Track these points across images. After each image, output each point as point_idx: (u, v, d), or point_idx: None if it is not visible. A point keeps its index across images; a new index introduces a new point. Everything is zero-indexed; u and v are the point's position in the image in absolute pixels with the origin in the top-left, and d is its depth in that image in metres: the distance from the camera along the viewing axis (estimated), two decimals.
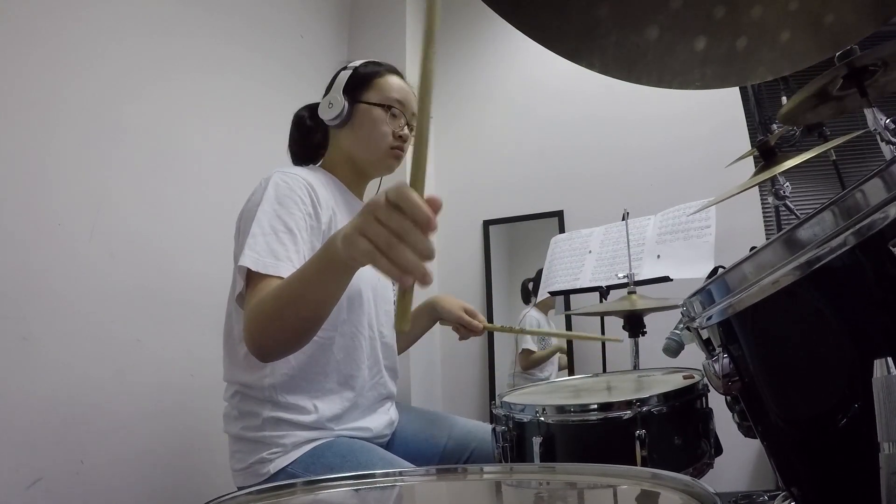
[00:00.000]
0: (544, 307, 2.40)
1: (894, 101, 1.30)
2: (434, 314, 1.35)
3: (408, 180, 0.58)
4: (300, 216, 0.99)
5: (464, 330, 1.34)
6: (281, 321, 0.85)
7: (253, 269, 0.90)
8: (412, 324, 1.34)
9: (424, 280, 0.57)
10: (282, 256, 0.93)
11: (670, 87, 0.31)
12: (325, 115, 1.15)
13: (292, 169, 1.07)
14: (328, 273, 0.78)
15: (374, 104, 1.14)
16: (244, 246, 0.93)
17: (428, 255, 0.57)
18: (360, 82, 1.16)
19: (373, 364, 1.12)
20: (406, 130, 1.17)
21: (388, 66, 1.21)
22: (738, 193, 1.14)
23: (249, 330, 0.88)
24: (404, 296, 0.57)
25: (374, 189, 1.34)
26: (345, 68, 1.20)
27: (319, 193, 1.05)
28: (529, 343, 2.37)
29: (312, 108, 1.21)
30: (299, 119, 1.24)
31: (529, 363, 2.39)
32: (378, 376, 1.13)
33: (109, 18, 1.39)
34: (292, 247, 0.95)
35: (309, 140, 1.23)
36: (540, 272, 2.17)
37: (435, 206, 0.57)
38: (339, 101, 1.13)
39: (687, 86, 0.31)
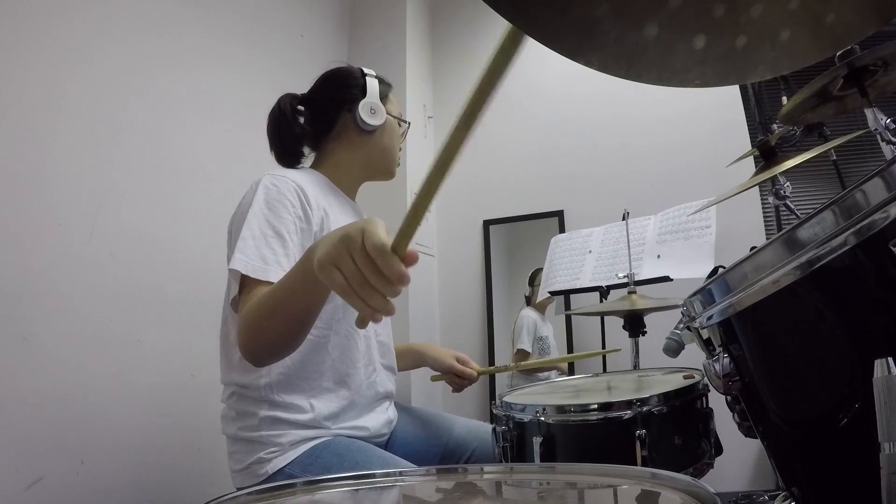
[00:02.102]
0: (541, 307, 2.40)
1: (894, 101, 1.30)
2: (419, 362, 1.36)
3: (395, 236, 0.58)
4: (290, 220, 0.99)
5: (458, 379, 1.33)
6: (269, 327, 0.86)
7: (243, 272, 0.91)
8: (400, 360, 1.31)
9: (389, 314, 0.60)
10: (270, 261, 0.93)
11: (669, 85, 0.31)
12: (368, 119, 1.14)
13: (283, 172, 1.07)
14: (310, 283, 0.77)
15: (396, 118, 1.21)
16: (234, 250, 0.94)
17: (395, 296, 0.60)
18: (385, 94, 1.20)
19: (368, 362, 1.12)
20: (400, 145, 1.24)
21: (389, 82, 1.25)
22: (739, 193, 1.14)
23: (241, 336, 0.88)
24: (363, 320, 0.61)
25: (371, 190, 1.33)
26: (365, 74, 1.18)
27: (310, 195, 1.04)
28: (524, 343, 2.37)
29: (291, 102, 1.16)
30: (280, 115, 1.16)
31: (528, 367, 2.38)
32: (374, 375, 1.13)
33: (109, 18, 1.39)
34: (281, 251, 0.95)
35: (291, 134, 1.17)
36: (535, 271, 2.16)
37: (411, 260, 0.58)
38: (382, 110, 1.16)
39: (686, 84, 0.31)
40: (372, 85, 1.17)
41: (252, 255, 0.93)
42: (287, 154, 1.18)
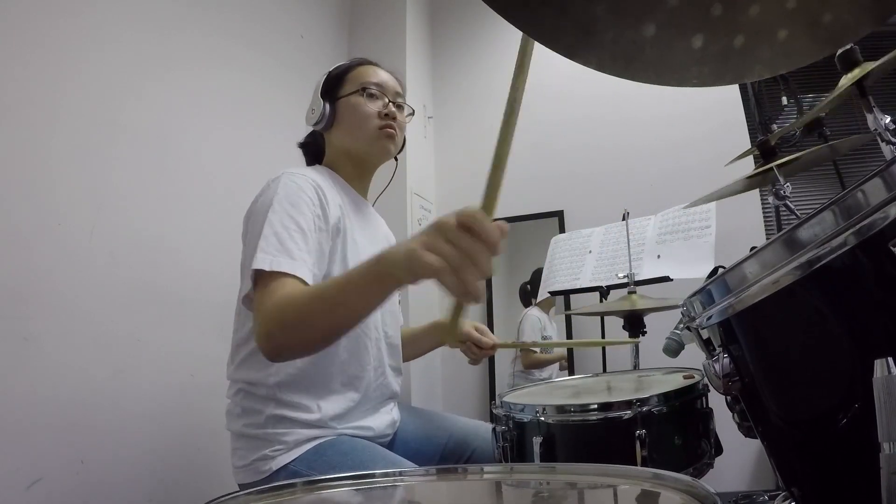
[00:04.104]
0: (546, 306, 2.40)
1: (894, 101, 1.30)
2: (439, 339, 1.36)
3: (481, 202, 0.60)
4: (310, 216, 0.99)
5: (476, 349, 1.32)
6: (311, 325, 0.84)
7: (267, 269, 0.89)
8: (420, 343, 1.35)
9: (479, 300, 0.60)
10: (295, 255, 0.92)
11: (667, 85, 0.31)
12: (310, 121, 1.20)
13: (301, 169, 1.07)
14: (377, 284, 0.76)
15: (350, 94, 1.17)
16: (256, 248, 0.92)
17: (489, 275, 0.61)
18: (335, 82, 1.19)
19: (378, 365, 1.12)
20: (392, 108, 1.18)
21: (360, 59, 1.24)
22: (738, 194, 1.14)
23: (269, 329, 0.86)
24: (459, 313, 0.61)
25: (378, 190, 1.34)
26: (328, 74, 1.22)
27: (327, 193, 1.05)
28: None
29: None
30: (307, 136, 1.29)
31: (531, 362, 2.38)
32: (382, 377, 1.14)
33: (109, 17, 1.39)
34: (304, 246, 0.95)
35: (315, 147, 1.26)
36: (536, 272, 2.16)
37: (503, 230, 0.60)
38: (319, 105, 1.17)
39: (684, 83, 0.31)
40: (317, 85, 1.20)
41: (275, 251, 0.91)
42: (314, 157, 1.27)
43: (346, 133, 1.17)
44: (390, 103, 1.18)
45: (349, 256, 1.08)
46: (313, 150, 1.26)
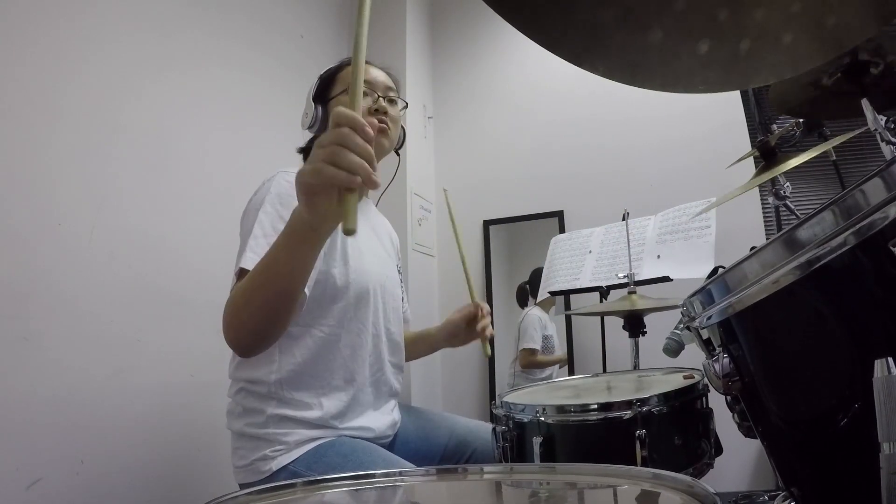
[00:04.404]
0: (546, 306, 2.40)
1: (895, 101, 1.30)
2: (434, 344, 1.36)
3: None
4: None
5: (479, 322, 1.28)
6: (250, 306, 0.84)
7: (250, 269, 0.90)
8: (414, 347, 1.33)
9: (370, 180, 0.65)
10: None
11: (674, 91, 0.31)
12: (304, 125, 1.20)
13: (295, 169, 1.07)
14: (293, 238, 0.77)
15: (339, 94, 1.17)
16: (245, 247, 0.93)
17: (367, 155, 0.66)
18: (326, 84, 1.19)
19: (375, 360, 1.12)
20: (382, 103, 1.17)
21: (349, 58, 1.23)
22: (739, 195, 1.14)
23: (224, 323, 0.86)
24: (349, 197, 0.65)
25: (380, 192, 1.34)
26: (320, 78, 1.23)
27: None
28: (534, 342, 2.37)
29: None
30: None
31: (530, 363, 2.38)
32: (379, 373, 1.14)
33: (109, 17, 1.39)
34: None
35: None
36: (535, 272, 2.16)
37: (373, 127, 0.66)
38: (311, 108, 1.17)
39: (691, 89, 0.31)
40: (309, 90, 1.20)
41: (263, 250, 0.91)
42: None
43: None
44: (380, 98, 1.17)
45: (349, 254, 1.08)
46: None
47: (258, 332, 0.88)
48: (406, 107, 1.27)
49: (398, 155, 1.30)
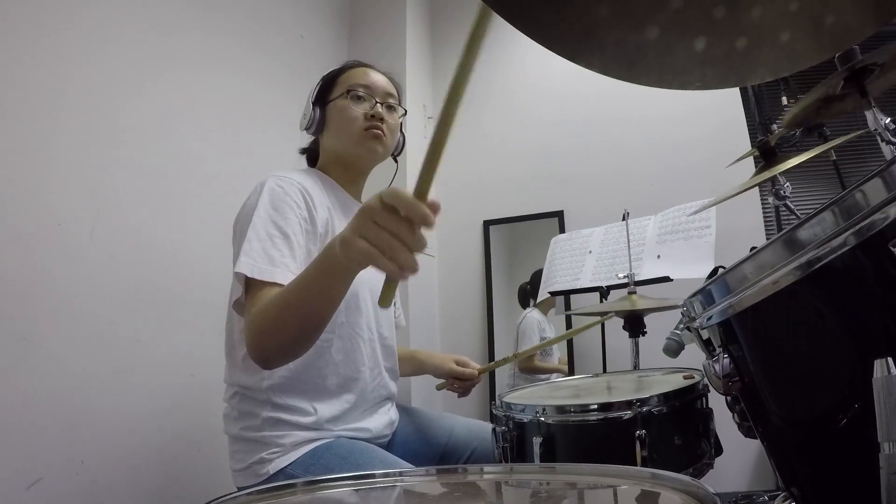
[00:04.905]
0: (545, 307, 2.40)
1: (894, 101, 1.30)
2: (420, 369, 1.38)
3: (416, 181, 0.61)
4: (295, 220, 0.99)
5: (461, 382, 1.34)
6: (282, 328, 0.85)
7: (249, 275, 0.90)
8: (402, 364, 1.35)
9: (414, 273, 0.63)
10: (278, 262, 0.93)
11: (670, 88, 0.31)
12: (303, 126, 1.20)
13: (287, 173, 1.07)
14: (328, 277, 0.79)
15: (337, 97, 1.17)
16: (240, 252, 0.93)
17: (421, 250, 0.63)
18: (327, 87, 1.19)
19: (374, 366, 1.12)
20: (379, 109, 1.15)
21: (353, 61, 1.23)
22: (739, 194, 1.14)
23: (251, 339, 0.88)
24: (392, 284, 0.65)
25: (375, 190, 1.34)
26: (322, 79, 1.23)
27: (314, 195, 1.05)
28: (527, 344, 2.37)
29: None
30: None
31: (528, 367, 2.38)
32: (379, 378, 1.14)
33: (109, 17, 1.39)
34: (288, 251, 0.95)
35: (314, 152, 1.27)
36: (536, 273, 2.16)
37: (435, 208, 0.61)
38: (310, 110, 1.17)
39: (686, 86, 0.31)
40: (310, 91, 1.20)
41: (258, 256, 0.92)
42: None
43: (334, 136, 1.17)
44: (378, 104, 1.16)
45: None
46: (313, 155, 1.26)
47: (286, 351, 0.90)
48: (405, 114, 1.27)
49: (396, 162, 1.29)
